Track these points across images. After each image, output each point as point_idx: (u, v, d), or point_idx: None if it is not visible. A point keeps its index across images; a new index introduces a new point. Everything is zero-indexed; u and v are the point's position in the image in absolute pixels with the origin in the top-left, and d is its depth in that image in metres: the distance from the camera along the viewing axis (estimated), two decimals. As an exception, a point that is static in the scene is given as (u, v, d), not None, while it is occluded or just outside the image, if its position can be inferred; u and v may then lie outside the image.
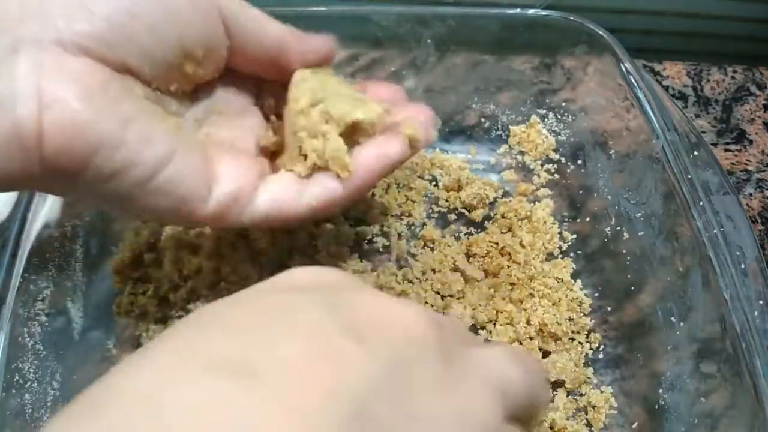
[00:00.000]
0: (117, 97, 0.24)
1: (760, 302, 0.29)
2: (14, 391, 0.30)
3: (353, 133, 0.28)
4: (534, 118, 0.46)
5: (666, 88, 0.53)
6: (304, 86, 0.28)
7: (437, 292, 0.37)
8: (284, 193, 0.28)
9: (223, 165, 0.27)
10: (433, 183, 0.44)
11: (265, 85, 0.31)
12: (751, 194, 0.47)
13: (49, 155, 0.22)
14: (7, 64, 0.22)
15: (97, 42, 0.23)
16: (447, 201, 0.42)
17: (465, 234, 0.41)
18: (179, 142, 0.25)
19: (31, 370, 0.31)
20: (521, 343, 0.35)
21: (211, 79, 0.29)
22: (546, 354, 0.35)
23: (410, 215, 0.41)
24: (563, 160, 0.45)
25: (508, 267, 0.38)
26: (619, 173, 0.40)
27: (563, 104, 0.45)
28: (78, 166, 0.23)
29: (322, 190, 0.28)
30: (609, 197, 0.40)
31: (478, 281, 0.38)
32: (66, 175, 0.23)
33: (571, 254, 0.40)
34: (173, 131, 0.26)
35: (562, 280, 0.38)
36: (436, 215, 0.42)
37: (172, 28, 0.25)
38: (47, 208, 0.34)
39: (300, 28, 0.29)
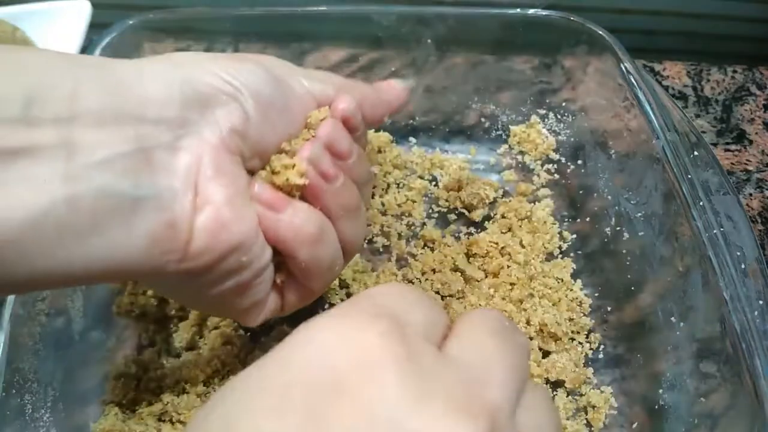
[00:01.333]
0: (249, 200, 0.24)
1: (760, 302, 0.29)
2: (14, 391, 0.30)
3: None
4: (534, 118, 0.46)
5: (666, 88, 0.53)
6: None
7: (437, 292, 0.37)
8: (297, 300, 0.29)
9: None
10: (433, 183, 0.44)
11: None
12: (751, 194, 0.47)
13: (193, 255, 0.22)
14: (168, 157, 0.22)
15: (244, 140, 0.24)
16: (447, 201, 0.42)
17: (465, 234, 0.41)
18: None
19: (31, 370, 0.31)
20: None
21: None
22: (546, 354, 0.35)
23: (410, 215, 0.41)
24: (563, 160, 0.45)
25: (508, 267, 0.38)
26: (619, 173, 0.40)
27: (563, 104, 0.45)
28: (212, 267, 0.23)
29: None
30: (609, 197, 0.40)
31: (478, 281, 0.38)
32: (196, 274, 0.23)
33: (571, 254, 0.40)
34: None
35: (562, 280, 0.38)
36: (436, 215, 0.42)
37: (285, 126, 0.25)
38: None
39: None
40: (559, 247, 0.40)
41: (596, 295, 0.38)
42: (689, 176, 0.34)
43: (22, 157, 0.19)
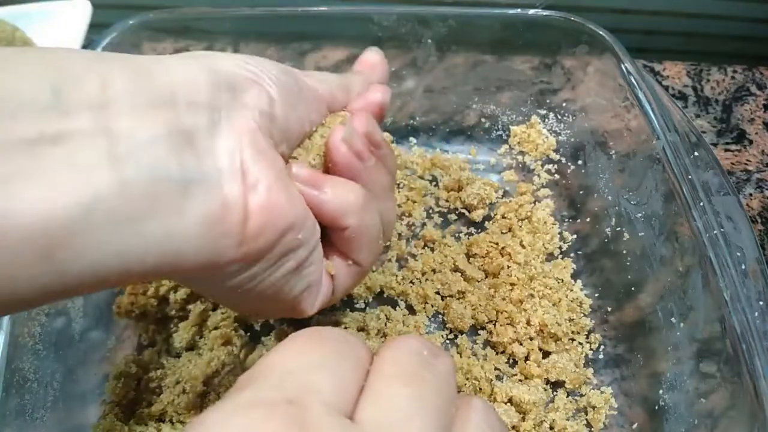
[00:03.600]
0: (290, 181, 0.24)
1: (761, 303, 0.29)
2: (14, 391, 0.30)
3: None
4: (534, 118, 0.46)
5: (666, 88, 0.53)
6: None
7: (437, 292, 0.37)
8: (349, 280, 0.29)
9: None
10: (433, 183, 0.44)
11: None
12: (751, 194, 0.47)
13: (251, 236, 0.22)
14: (209, 140, 0.21)
15: (273, 123, 0.24)
16: (447, 201, 0.42)
17: (465, 234, 0.41)
18: None
19: (31, 370, 0.31)
20: (521, 344, 0.35)
21: None
22: (546, 354, 0.35)
23: (410, 215, 0.41)
24: (563, 160, 0.45)
25: (508, 267, 0.38)
26: (620, 173, 0.40)
27: (563, 104, 0.45)
28: (271, 247, 0.23)
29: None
30: (609, 197, 0.40)
31: (478, 281, 0.38)
32: (255, 259, 0.23)
33: (571, 254, 0.40)
34: None
35: (562, 280, 0.38)
36: (436, 215, 0.42)
37: (305, 111, 0.26)
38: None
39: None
40: (559, 248, 0.40)
41: (596, 295, 0.38)
42: (689, 176, 0.34)
43: (61, 145, 0.18)
